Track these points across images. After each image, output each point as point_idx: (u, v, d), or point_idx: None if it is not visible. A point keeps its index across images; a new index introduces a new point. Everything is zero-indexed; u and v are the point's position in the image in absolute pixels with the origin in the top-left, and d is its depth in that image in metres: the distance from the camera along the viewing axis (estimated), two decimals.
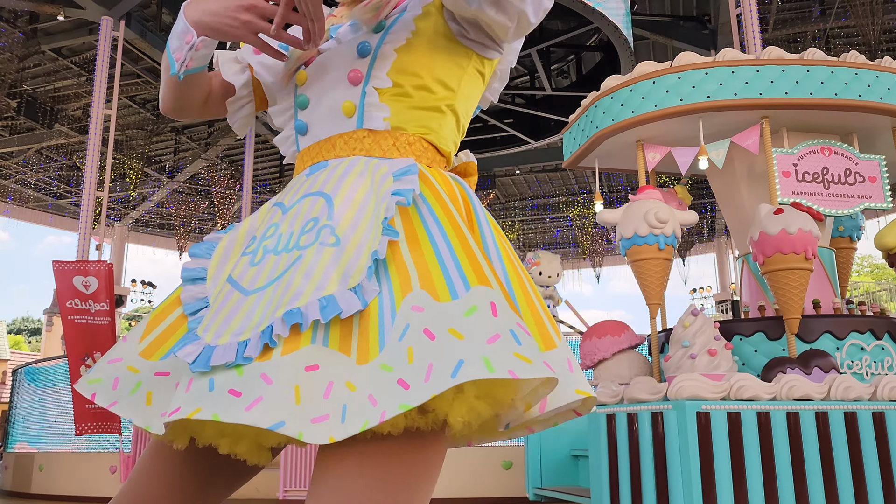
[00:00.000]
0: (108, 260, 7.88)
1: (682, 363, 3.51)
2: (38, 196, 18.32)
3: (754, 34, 8.24)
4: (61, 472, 6.84)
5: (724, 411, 3.16)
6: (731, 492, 3.07)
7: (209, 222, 20.48)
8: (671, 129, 4.21)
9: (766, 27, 10.99)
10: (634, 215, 3.93)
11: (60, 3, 10.06)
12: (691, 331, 3.57)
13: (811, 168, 4.04)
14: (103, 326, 6.22)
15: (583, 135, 4.59)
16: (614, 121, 4.19)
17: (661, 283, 3.99)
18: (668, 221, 3.90)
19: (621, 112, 4.17)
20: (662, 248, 3.92)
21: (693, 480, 3.03)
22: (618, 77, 4.32)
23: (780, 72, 3.93)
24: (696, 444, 3.09)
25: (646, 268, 3.95)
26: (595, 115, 4.40)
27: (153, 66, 12.59)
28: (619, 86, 4.24)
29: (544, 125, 11.48)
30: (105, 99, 9.43)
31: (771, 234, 3.61)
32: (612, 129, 4.23)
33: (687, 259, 20.62)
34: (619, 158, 4.75)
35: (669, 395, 3.29)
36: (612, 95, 4.25)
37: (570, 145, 4.88)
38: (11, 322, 46.51)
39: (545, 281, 7.97)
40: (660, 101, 4.04)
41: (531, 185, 19.94)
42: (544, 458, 4.28)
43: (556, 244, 22.82)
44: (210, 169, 16.51)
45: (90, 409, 6.05)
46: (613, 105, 4.23)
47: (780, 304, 3.67)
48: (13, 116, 13.89)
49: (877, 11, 10.44)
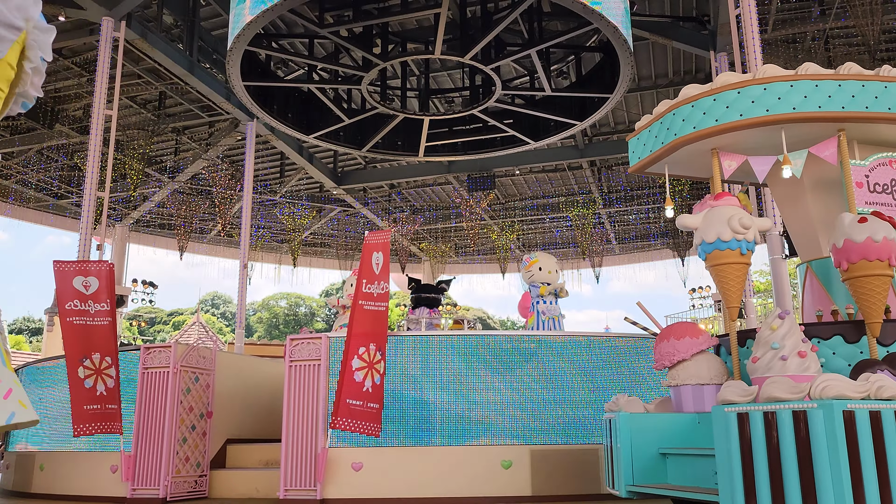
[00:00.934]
0: (109, 260, 7.90)
1: (773, 365, 3.66)
2: (38, 196, 18.34)
3: (753, 35, 8.26)
4: (62, 472, 6.86)
5: (866, 410, 3.25)
6: (877, 489, 3.17)
7: (210, 222, 20.50)
8: (745, 137, 4.35)
9: (765, 28, 11.00)
10: (717, 220, 4.09)
11: (61, 4, 10.08)
12: (780, 333, 3.71)
13: (881, 179, 4.28)
14: (103, 327, 6.22)
15: (656, 141, 4.71)
16: (696, 128, 4.32)
17: (740, 288, 4.14)
18: (750, 227, 4.07)
19: (703, 120, 4.29)
20: (744, 254, 4.10)
21: (843, 479, 3.12)
22: (697, 86, 4.44)
23: (861, 87, 4.13)
24: (844, 443, 3.16)
25: (728, 272, 4.12)
26: (673, 122, 4.51)
27: (154, 66, 12.61)
28: (699, 95, 4.36)
29: (544, 126, 11.48)
30: (106, 99, 9.45)
31: (857, 242, 3.81)
32: (693, 136, 4.35)
33: (686, 259, 20.63)
34: (686, 165, 4.88)
35: (812, 395, 3.38)
36: (693, 104, 4.37)
37: (639, 151, 4.98)
38: (12, 322, 46.52)
39: (545, 277, 8.02)
40: (745, 111, 4.18)
41: (531, 186, 19.95)
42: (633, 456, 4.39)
43: (556, 244, 22.81)
44: (210, 169, 16.52)
45: (88, 410, 6.05)
46: (695, 113, 4.35)
47: (863, 308, 3.84)
48: (14, 117, 13.91)
49: (876, 12, 10.45)
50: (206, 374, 6.71)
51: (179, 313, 48.87)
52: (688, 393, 4.37)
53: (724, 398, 3.54)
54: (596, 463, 5.82)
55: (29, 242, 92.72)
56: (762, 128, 4.19)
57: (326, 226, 21.69)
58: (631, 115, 16.02)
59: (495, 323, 50.23)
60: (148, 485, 6.10)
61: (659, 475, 4.24)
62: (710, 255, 4.13)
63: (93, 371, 6.11)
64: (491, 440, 5.83)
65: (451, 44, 9.64)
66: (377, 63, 9.60)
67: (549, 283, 8.05)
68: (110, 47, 9.57)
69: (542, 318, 7.91)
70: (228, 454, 7.00)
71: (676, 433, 4.30)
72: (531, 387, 5.97)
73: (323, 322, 48.83)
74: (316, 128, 11.27)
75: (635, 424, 4.29)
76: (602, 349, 6.18)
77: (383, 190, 20.24)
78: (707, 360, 4.34)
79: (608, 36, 8.37)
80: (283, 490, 5.72)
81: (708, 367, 4.29)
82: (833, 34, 11.78)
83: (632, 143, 5.10)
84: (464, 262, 24.88)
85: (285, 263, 22.54)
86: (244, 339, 12.27)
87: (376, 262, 5.94)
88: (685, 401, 4.39)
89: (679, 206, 17.67)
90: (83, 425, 6.03)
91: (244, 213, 13.16)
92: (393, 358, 5.99)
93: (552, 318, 7.91)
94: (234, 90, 9.64)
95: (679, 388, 4.41)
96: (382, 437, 5.72)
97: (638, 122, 5.00)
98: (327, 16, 9.82)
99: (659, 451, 4.28)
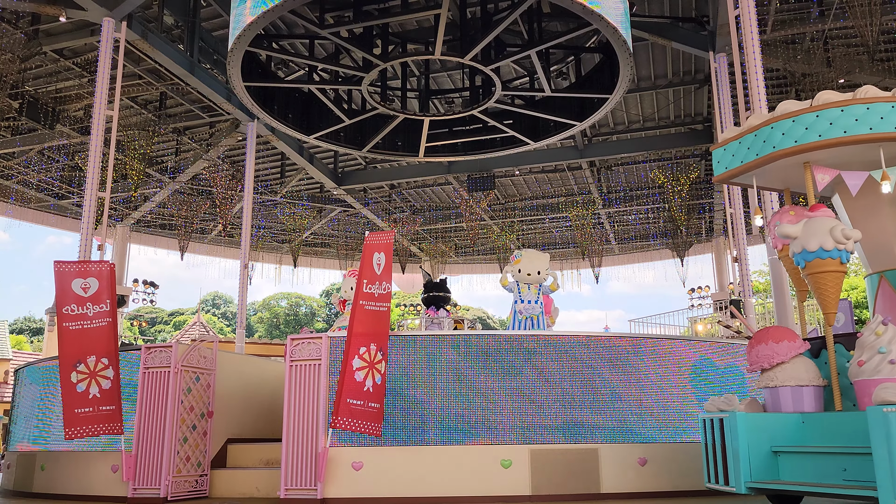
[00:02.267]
0: (109, 260, 7.91)
1: (882, 367, 4.06)
2: (40, 196, 18.36)
3: (753, 35, 8.27)
4: (63, 472, 6.87)
5: None
6: None
7: (211, 222, 20.52)
8: (839, 152, 4.63)
9: (764, 28, 11.01)
10: (819, 231, 4.42)
11: (62, 5, 10.10)
12: (886, 338, 4.07)
13: None
14: (102, 328, 6.22)
15: (749, 153, 4.98)
16: (797, 142, 4.62)
17: (838, 295, 4.49)
18: (850, 238, 4.39)
19: (805, 135, 4.58)
20: (844, 263, 4.43)
21: None
22: (796, 102, 4.74)
23: None
24: None
25: (828, 280, 4.43)
26: (771, 135, 4.79)
27: (155, 67, 12.63)
28: (800, 111, 4.65)
29: (543, 126, 11.50)
30: (107, 100, 9.47)
31: None
32: (793, 150, 4.64)
33: (685, 259, 20.64)
34: (772, 177, 5.18)
35: None
36: (794, 119, 4.66)
37: (726, 161, 5.23)
38: (13, 322, 46.56)
39: (526, 279, 7.97)
40: (849, 129, 4.46)
41: (530, 186, 19.96)
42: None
43: (556, 244, 22.83)
44: (211, 169, 16.54)
45: (80, 413, 6.04)
46: (795, 128, 4.64)
47: None
48: (15, 117, 13.93)
49: (875, 12, 10.45)
50: (206, 374, 6.73)
51: (180, 313, 48.92)
52: (787, 394, 4.63)
53: (882, 398, 3.73)
54: (596, 463, 5.84)
55: (30, 242, 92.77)
56: (860, 144, 4.49)
57: (327, 226, 21.71)
58: (630, 116, 16.03)
59: (495, 323, 50.27)
60: (149, 484, 6.13)
61: (772, 472, 4.47)
62: (810, 264, 4.46)
63: (87, 374, 6.11)
64: (491, 440, 5.85)
65: (451, 44, 9.66)
66: (377, 64, 9.62)
67: (529, 285, 8.02)
68: (111, 48, 9.59)
69: (518, 317, 7.88)
70: (229, 454, 7.02)
71: (782, 432, 4.55)
72: (531, 387, 5.99)
73: (323, 322, 48.86)
74: (316, 128, 11.28)
75: (751, 424, 4.51)
76: (602, 349, 6.21)
77: (383, 190, 20.26)
78: (804, 362, 4.65)
79: (607, 37, 8.38)
80: (283, 489, 5.74)
81: (806, 370, 4.61)
82: (832, 35, 11.78)
83: (717, 153, 5.35)
84: (464, 262, 24.91)
85: (286, 263, 22.56)
86: (244, 339, 12.30)
87: (377, 263, 5.96)
88: (784, 402, 4.64)
89: (679, 207, 17.69)
90: (75, 429, 6.04)
91: (245, 214, 13.18)
92: (394, 358, 6.01)
93: (529, 317, 7.88)
94: (234, 91, 9.66)
95: (777, 389, 4.67)
96: (383, 436, 5.75)
97: (724, 134, 5.28)
98: (328, 16, 9.84)
99: (771, 450, 4.50)
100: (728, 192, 10.72)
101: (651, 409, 6.11)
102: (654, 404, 6.14)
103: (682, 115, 15.94)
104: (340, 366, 5.71)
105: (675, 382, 6.27)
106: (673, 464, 5.98)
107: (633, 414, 6.07)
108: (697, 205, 19.05)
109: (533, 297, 7.97)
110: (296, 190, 19.47)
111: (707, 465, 4.73)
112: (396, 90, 11.92)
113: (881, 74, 11.66)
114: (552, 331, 7.71)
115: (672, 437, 6.09)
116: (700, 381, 6.36)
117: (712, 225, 20.74)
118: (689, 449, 6.00)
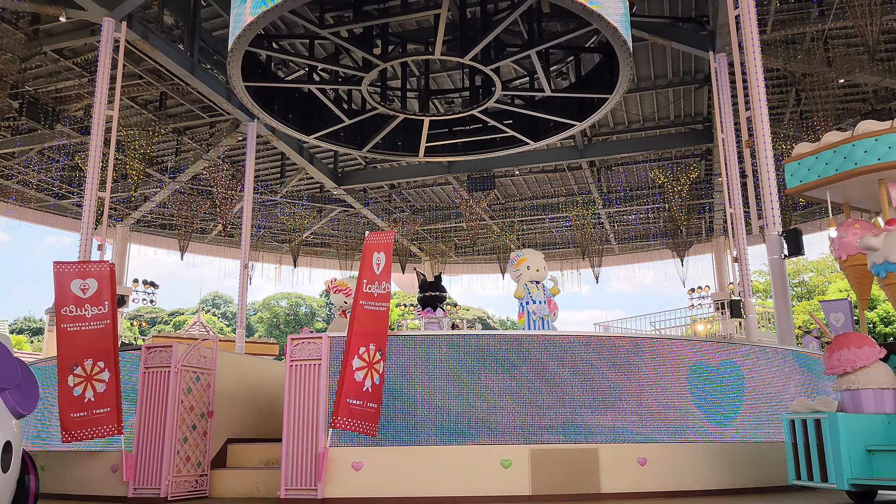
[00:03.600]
0: (109, 260, 7.91)
1: None
2: (40, 196, 18.36)
3: (753, 35, 8.28)
4: (63, 471, 6.87)
5: None
6: None
7: (211, 222, 20.53)
8: None
9: (764, 28, 11.01)
10: None
11: (62, 5, 10.11)
12: None
13: None
14: (100, 330, 6.20)
15: (826, 168, 5.30)
16: (880, 160, 4.97)
17: None
18: None
19: (888, 154, 4.94)
20: None
21: None
22: (877, 122, 5.08)
23: None
24: None
25: None
26: (852, 153, 5.13)
27: (155, 67, 12.64)
28: (884, 130, 5.02)
29: (543, 126, 11.50)
30: (107, 100, 9.48)
31: None
32: (876, 167, 4.98)
33: (685, 259, 20.65)
34: (844, 192, 5.48)
35: None
36: (877, 138, 5.01)
37: (800, 175, 5.55)
38: (13, 322, 46.57)
39: (535, 275, 8.06)
40: None
41: (530, 186, 19.97)
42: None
43: (556, 244, 22.84)
44: (211, 169, 16.54)
45: (74, 418, 6.02)
46: (878, 147, 5.00)
47: None
48: (15, 117, 13.94)
49: (875, 12, 10.46)
50: (206, 374, 6.73)
51: (180, 313, 48.93)
52: (868, 396, 4.88)
53: None
54: (596, 463, 5.84)
55: (30, 242, 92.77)
56: None
57: (327, 226, 21.72)
58: (630, 116, 16.04)
59: (495, 323, 50.28)
60: (149, 484, 6.12)
61: (865, 470, 4.72)
62: (891, 274, 4.77)
63: (83, 378, 6.10)
64: (490, 440, 5.85)
65: (451, 45, 9.66)
66: (377, 64, 9.62)
67: (538, 282, 8.13)
68: (111, 48, 9.59)
69: (532, 317, 7.95)
70: (229, 454, 7.02)
71: (871, 433, 4.81)
72: (531, 387, 5.99)
73: (323, 322, 48.87)
74: (316, 128, 11.29)
75: (850, 425, 4.77)
76: (602, 349, 6.20)
77: (383, 190, 20.27)
78: (883, 367, 4.90)
79: (607, 37, 8.39)
80: (283, 489, 5.73)
81: (886, 374, 4.86)
82: (832, 35, 11.79)
83: (790, 166, 5.64)
84: (464, 261, 24.91)
85: (286, 263, 22.57)
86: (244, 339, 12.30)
87: (377, 263, 5.95)
88: (865, 404, 4.88)
89: (679, 206, 17.69)
90: (73, 432, 6.03)
91: (245, 214, 13.18)
92: (393, 358, 6.01)
93: (542, 317, 7.94)
94: (234, 91, 9.66)
95: (858, 391, 4.90)
96: (383, 436, 5.75)
97: (798, 148, 5.57)
98: (328, 17, 9.84)
99: (866, 448, 4.74)
100: (728, 192, 10.71)
101: (651, 409, 6.11)
102: (654, 404, 6.13)
103: (682, 114, 15.94)
104: (340, 366, 5.71)
105: (674, 382, 6.27)
106: (673, 463, 5.98)
107: (633, 414, 6.06)
108: (697, 205, 19.06)
109: (541, 298, 8.05)
110: (296, 190, 19.48)
111: (797, 464, 5.01)
112: (396, 90, 11.93)
113: (881, 74, 11.67)
114: (552, 331, 7.72)
115: (672, 436, 6.09)
116: (699, 381, 6.35)
117: (712, 225, 20.75)
118: (689, 448, 6.00)
